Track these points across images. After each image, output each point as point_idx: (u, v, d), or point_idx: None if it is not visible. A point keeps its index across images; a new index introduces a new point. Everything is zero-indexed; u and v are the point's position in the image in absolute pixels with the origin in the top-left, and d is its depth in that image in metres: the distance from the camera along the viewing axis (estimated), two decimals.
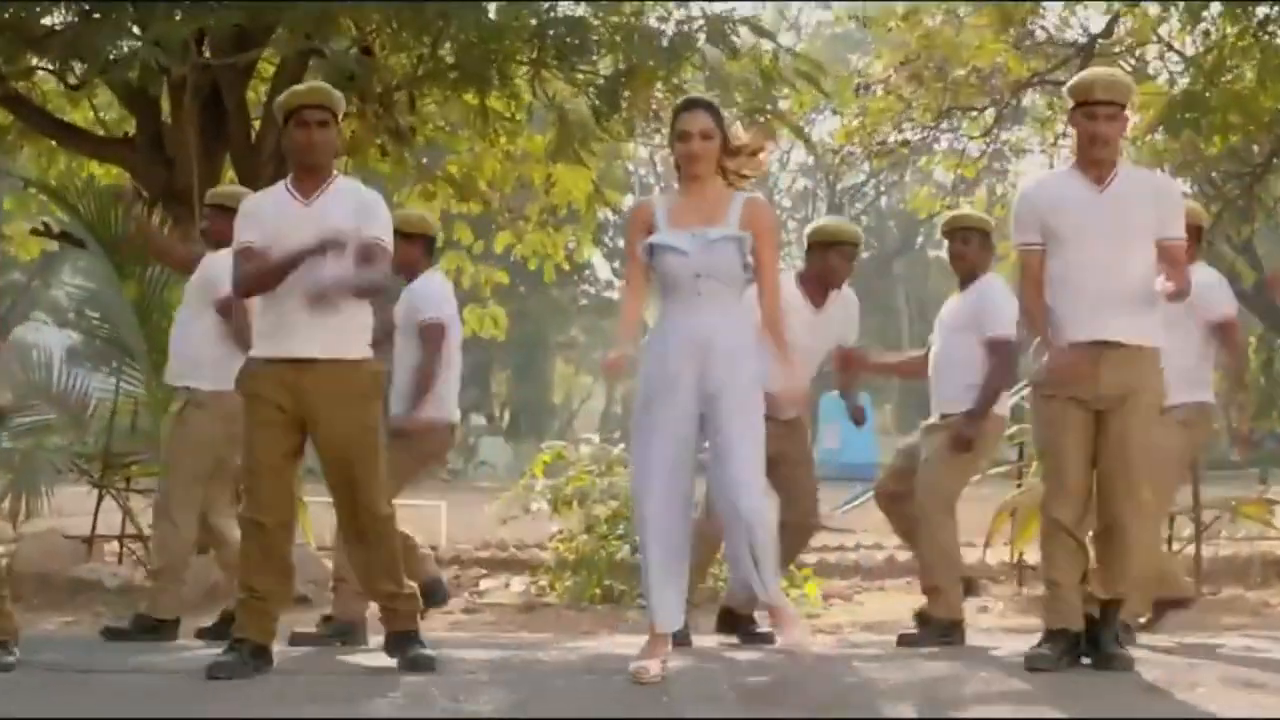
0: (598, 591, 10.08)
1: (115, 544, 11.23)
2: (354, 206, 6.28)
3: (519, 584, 11.13)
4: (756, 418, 6.06)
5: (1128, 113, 6.37)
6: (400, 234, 6.98)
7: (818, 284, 7.75)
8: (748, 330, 6.19)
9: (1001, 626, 8.97)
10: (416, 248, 7.79)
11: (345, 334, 6.12)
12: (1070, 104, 6.51)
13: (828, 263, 7.72)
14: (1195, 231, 7.61)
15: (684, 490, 6.09)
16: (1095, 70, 7.01)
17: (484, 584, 11.52)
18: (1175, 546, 10.86)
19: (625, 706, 5.45)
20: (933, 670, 6.30)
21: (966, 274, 7.71)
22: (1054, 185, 6.54)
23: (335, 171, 6.50)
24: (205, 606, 8.29)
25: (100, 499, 10.79)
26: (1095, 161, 6.32)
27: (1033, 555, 10.45)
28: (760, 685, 6.06)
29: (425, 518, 14.27)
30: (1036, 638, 6.33)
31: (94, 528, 11.05)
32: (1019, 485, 11.51)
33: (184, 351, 7.70)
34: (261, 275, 6.16)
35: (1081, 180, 6.35)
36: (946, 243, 7.91)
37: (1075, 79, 6.65)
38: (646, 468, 6.04)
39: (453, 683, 5.72)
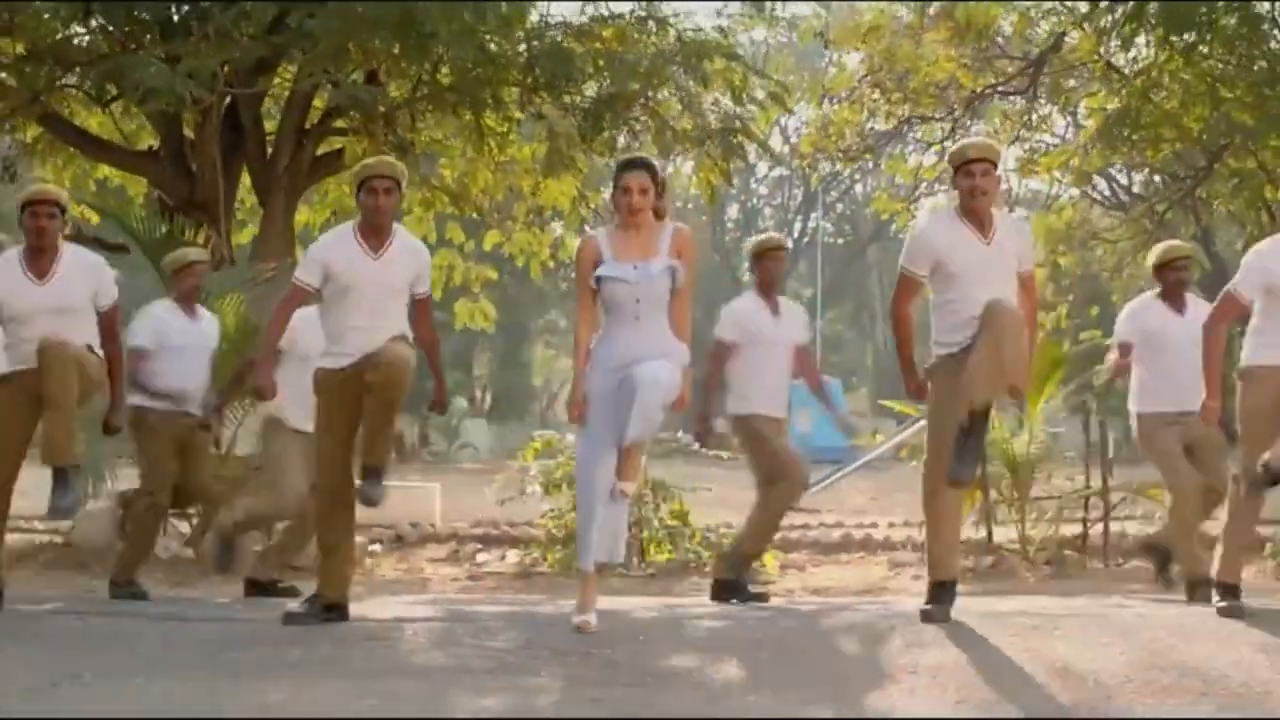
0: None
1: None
2: (413, 263, 7.66)
3: (514, 556, 12.55)
4: (666, 376, 7.11)
5: (998, 171, 7.64)
6: None
7: (765, 289, 9.38)
8: (670, 339, 7.26)
9: None
10: None
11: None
12: (952, 170, 7.65)
13: (765, 268, 9.38)
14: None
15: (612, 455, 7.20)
16: (969, 139, 8.53)
17: (480, 557, 12.91)
18: (1087, 525, 12.42)
19: (600, 642, 6.97)
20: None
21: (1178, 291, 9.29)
22: (947, 232, 7.61)
23: (396, 227, 7.68)
24: None
25: None
26: (976, 210, 7.46)
27: None
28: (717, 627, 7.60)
29: (420, 498, 15.69)
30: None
31: None
32: None
33: None
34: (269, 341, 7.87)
35: (969, 229, 7.49)
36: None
37: (953, 148, 7.91)
38: (593, 448, 7.22)
39: (474, 627, 7.30)
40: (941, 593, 7.62)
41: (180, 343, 9.51)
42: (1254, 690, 6.05)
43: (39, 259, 7.94)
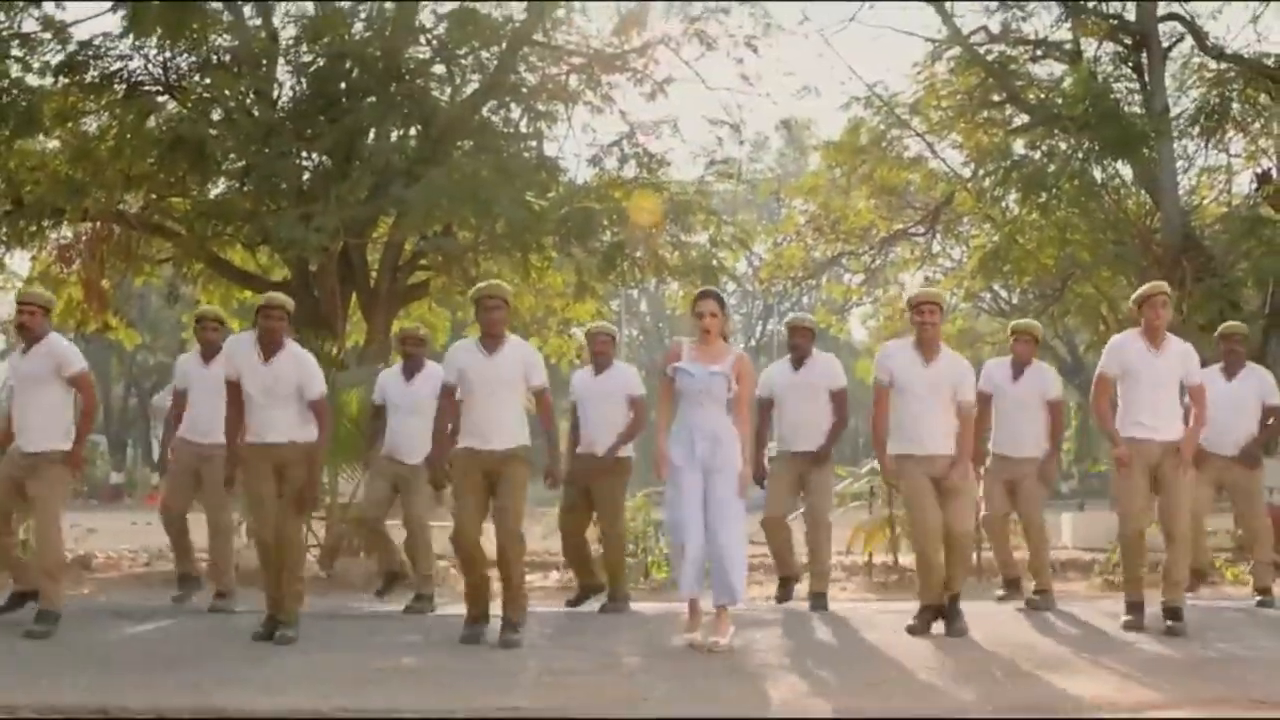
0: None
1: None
2: (522, 360, 7.71)
3: (555, 576, 13.34)
4: (737, 486, 7.47)
5: (940, 309, 8.17)
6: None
7: (794, 355, 9.67)
8: (727, 425, 7.56)
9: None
10: None
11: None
12: (908, 310, 8.24)
13: (793, 340, 9.70)
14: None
15: (699, 508, 7.47)
16: (921, 288, 9.08)
17: (528, 577, 13.63)
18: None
19: (624, 629, 7.97)
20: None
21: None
22: (902, 355, 8.12)
23: (508, 334, 7.74)
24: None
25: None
26: (926, 340, 8.02)
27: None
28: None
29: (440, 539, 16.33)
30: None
31: None
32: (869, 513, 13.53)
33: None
34: (441, 425, 7.74)
35: (917, 356, 8.03)
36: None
37: (910, 294, 8.69)
38: (681, 509, 7.47)
39: (534, 620, 8.18)
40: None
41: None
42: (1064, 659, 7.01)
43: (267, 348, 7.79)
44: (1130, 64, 16.88)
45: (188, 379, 9.46)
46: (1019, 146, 17.38)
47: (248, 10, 15.37)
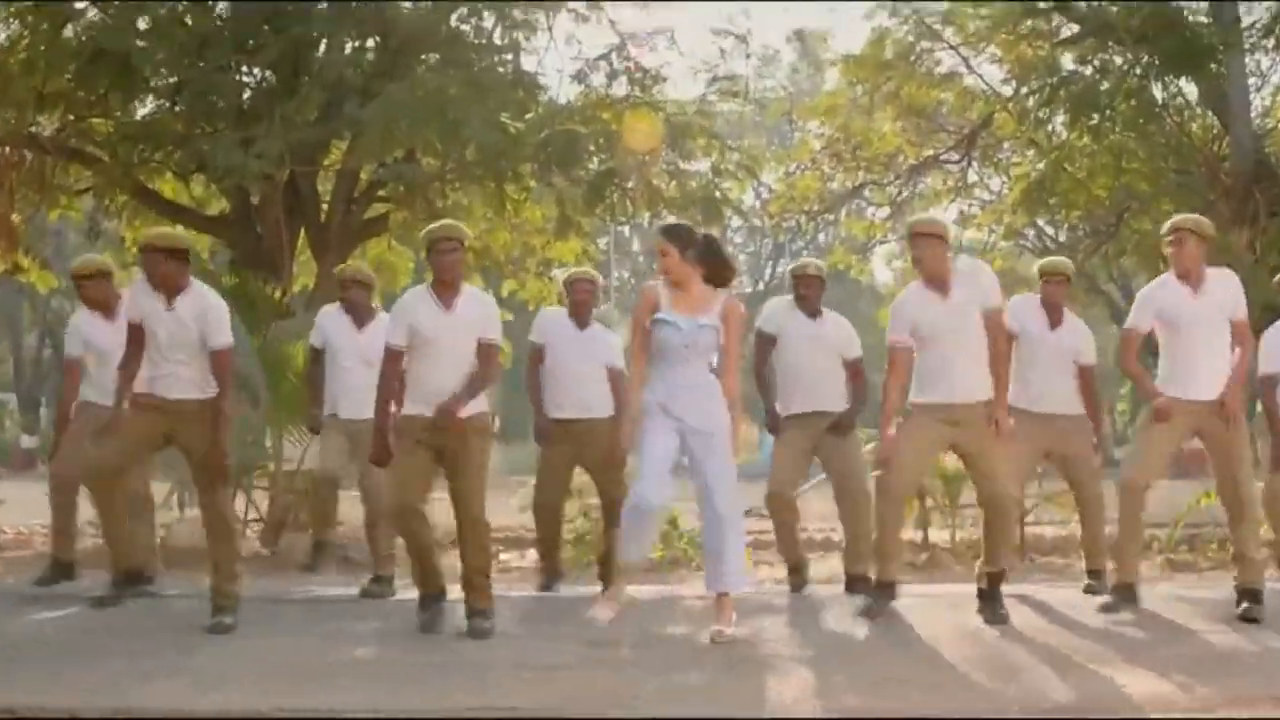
0: (593, 559, 12.13)
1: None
2: (480, 312, 7.63)
3: (533, 554, 13.30)
4: (729, 452, 7.38)
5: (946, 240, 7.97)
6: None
7: (802, 304, 9.51)
8: (715, 386, 7.43)
9: None
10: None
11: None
12: (909, 240, 8.08)
13: (801, 290, 9.51)
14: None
15: (667, 479, 7.39)
16: (917, 217, 8.79)
17: (503, 555, 13.61)
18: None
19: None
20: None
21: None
22: (918, 299, 7.93)
23: (464, 283, 7.65)
24: None
25: (234, 493, 12.90)
26: (934, 276, 7.85)
27: None
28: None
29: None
30: None
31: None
32: None
33: None
34: (386, 394, 7.57)
35: (933, 293, 7.84)
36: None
37: (910, 221, 8.62)
38: (645, 466, 7.29)
39: (512, 607, 8.21)
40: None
41: None
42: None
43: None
44: None
45: (85, 340, 9.39)
46: (1067, 61, 17.26)
47: None
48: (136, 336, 7.82)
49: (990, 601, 8.00)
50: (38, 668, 6.67)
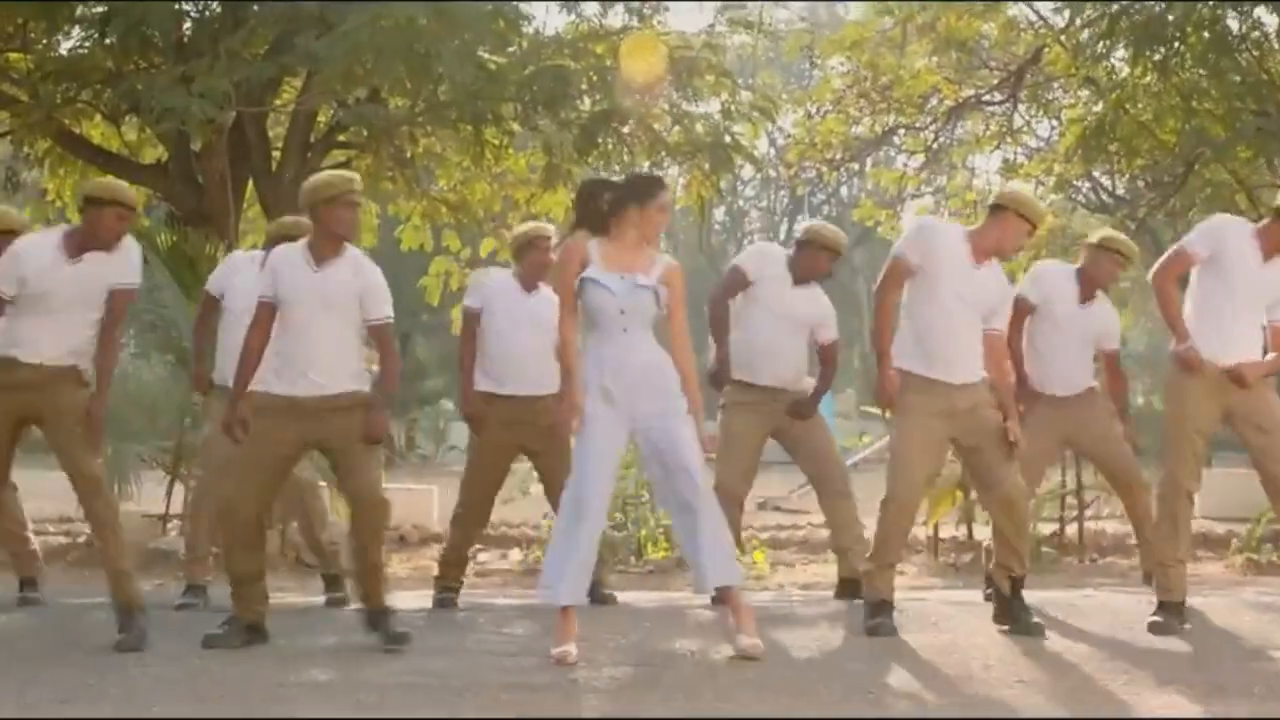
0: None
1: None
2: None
3: (516, 554, 13.28)
4: (692, 435, 7.17)
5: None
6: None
7: (802, 275, 9.36)
8: (662, 358, 7.19)
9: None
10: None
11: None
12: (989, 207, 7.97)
13: (809, 258, 9.36)
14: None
15: (611, 483, 7.34)
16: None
17: (482, 556, 13.55)
18: (1063, 523, 13.13)
19: (611, 631, 7.76)
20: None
21: None
22: (947, 236, 7.87)
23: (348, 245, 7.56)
24: None
25: (172, 484, 12.87)
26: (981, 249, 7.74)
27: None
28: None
29: (417, 500, 16.27)
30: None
31: (167, 508, 12.89)
32: None
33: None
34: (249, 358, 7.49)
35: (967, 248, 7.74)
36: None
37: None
38: (586, 478, 7.07)
39: (494, 618, 8.09)
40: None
41: None
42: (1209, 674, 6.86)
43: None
44: None
45: None
46: None
47: None
48: None
49: (1016, 611, 7.85)
50: None
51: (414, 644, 7.35)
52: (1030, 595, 8.03)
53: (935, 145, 20.84)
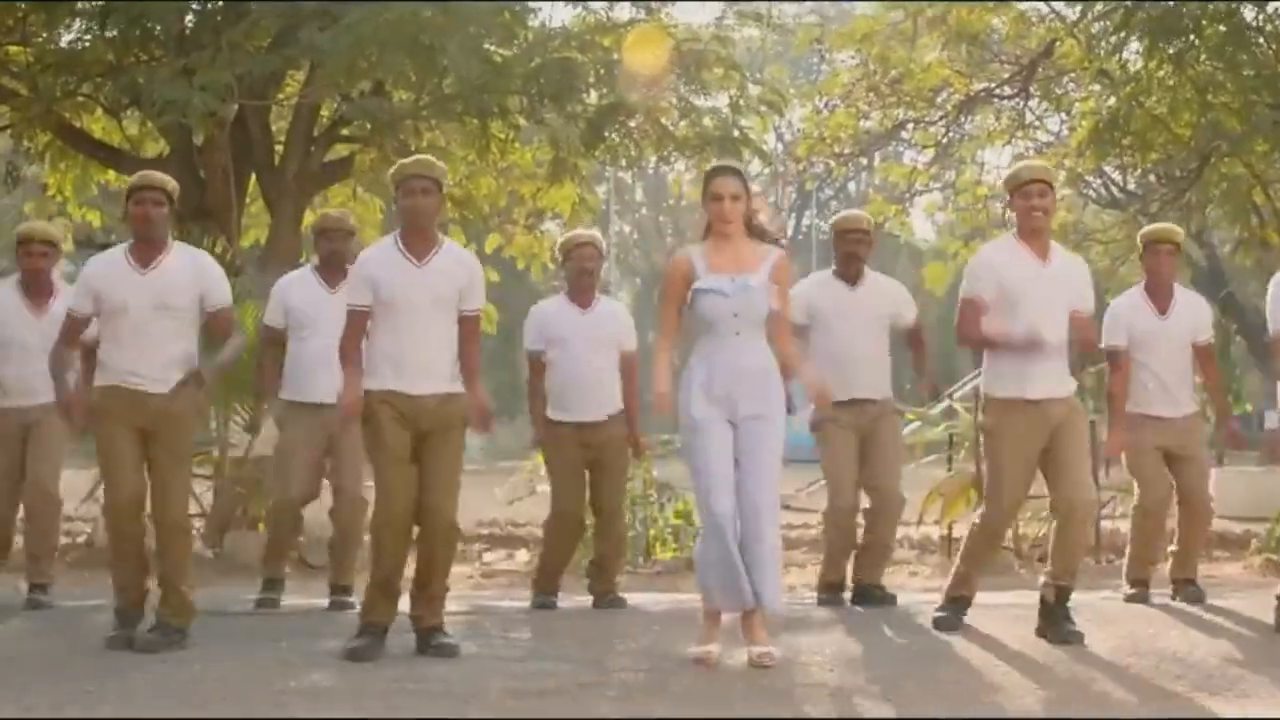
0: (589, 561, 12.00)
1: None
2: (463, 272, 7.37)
3: (523, 555, 13.13)
4: (780, 445, 7.10)
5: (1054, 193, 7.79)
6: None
7: (848, 269, 9.35)
8: (771, 362, 7.11)
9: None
10: None
11: None
12: (1007, 194, 7.87)
13: (847, 248, 9.32)
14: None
15: (732, 481, 7.02)
16: (1023, 163, 8.74)
17: (487, 556, 13.45)
18: None
19: (620, 635, 7.66)
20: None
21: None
22: (1007, 254, 7.75)
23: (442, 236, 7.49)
24: None
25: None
26: (1035, 231, 7.66)
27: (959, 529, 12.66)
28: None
29: None
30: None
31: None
32: (949, 471, 13.51)
33: None
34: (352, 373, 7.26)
35: (1029, 253, 7.66)
36: None
37: (1009, 173, 8.11)
38: (710, 478, 6.95)
39: (500, 621, 7.96)
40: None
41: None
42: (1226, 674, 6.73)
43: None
44: None
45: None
46: None
47: None
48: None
49: (1056, 619, 7.67)
50: None
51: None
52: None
53: (945, 140, 20.70)
